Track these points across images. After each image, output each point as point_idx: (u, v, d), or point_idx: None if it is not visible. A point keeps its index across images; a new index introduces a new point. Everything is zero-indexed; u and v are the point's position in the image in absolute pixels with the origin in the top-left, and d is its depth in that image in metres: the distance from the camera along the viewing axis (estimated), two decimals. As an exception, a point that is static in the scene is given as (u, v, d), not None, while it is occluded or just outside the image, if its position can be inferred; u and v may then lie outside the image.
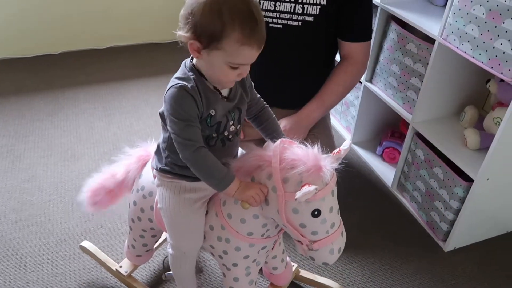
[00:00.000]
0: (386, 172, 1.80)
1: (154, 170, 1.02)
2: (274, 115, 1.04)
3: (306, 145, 0.84)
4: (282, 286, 1.25)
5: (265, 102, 1.03)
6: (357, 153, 1.93)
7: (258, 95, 1.02)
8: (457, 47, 1.26)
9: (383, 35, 1.65)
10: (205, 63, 0.84)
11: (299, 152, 0.83)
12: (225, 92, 0.90)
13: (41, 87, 2.32)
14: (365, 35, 1.34)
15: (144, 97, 2.27)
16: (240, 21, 0.77)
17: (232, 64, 0.81)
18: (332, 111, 2.13)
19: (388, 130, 1.88)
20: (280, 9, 1.27)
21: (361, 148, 1.95)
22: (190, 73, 0.86)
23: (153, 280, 1.34)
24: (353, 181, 1.77)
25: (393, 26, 1.57)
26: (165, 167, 0.97)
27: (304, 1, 1.26)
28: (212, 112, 0.87)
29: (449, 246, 1.48)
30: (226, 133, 0.93)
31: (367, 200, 1.70)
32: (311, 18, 1.27)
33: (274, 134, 1.01)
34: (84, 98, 2.25)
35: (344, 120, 2.06)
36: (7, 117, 2.07)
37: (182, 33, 0.81)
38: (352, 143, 1.97)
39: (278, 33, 1.30)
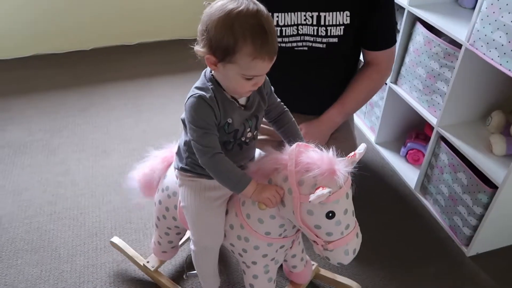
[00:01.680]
0: (409, 174, 1.80)
1: (176, 170, 1.07)
2: (293, 119, 1.07)
3: (322, 149, 0.87)
4: (302, 284, 1.29)
5: (285, 106, 1.07)
6: (380, 154, 1.93)
7: (278, 100, 1.06)
8: (484, 54, 1.25)
9: (409, 37, 1.64)
10: (221, 75, 0.89)
11: (314, 156, 0.86)
12: (242, 101, 0.95)
13: (73, 83, 2.40)
14: (389, 42, 1.33)
15: (171, 94, 2.33)
16: (251, 36, 0.81)
17: (246, 76, 0.86)
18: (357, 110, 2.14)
19: (412, 132, 1.87)
20: (303, 32, 1.28)
21: (385, 148, 1.95)
22: (209, 84, 0.91)
23: (178, 274, 1.40)
24: (375, 182, 1.78)
25: (420, 28, 1.56)
26: (185, 167, 1.03)
27: (327, 23, 1.25)
28: (230, 120, 0.92)
29: (471, 251, 1.48)
30: (243, 139, 0.98)
31: (389, 201, 1.70)
32: (335, 40, 1.27)
33: (293, 137, 1.04)
34: (113, 94, 2.32)
35: (368, 120, 2.07)
36: (42, 113, 2.17)
37: (199, 48, 0.87)
38: (376, 143, 1.98)
39: (303, 55, 1.32)
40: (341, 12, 1.24)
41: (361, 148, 0.90)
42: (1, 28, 2.52)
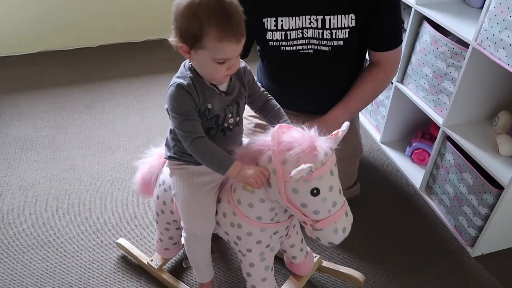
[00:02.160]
0: (414, 174, 1.80)
1: (166, 160, 1.10)
2: (279, 106, 1.09)
3: (303, 128, 0.88)
4: (304, 276, 1.29)
5: (269, 95, 1.09)
6: (385, 153, 1.93)
7: (262, 89, 1.09)
8: (491, 53, 1.24)
9: (416, 36, 1.64)
10: (196, 63, 0.93)
11: (295, 135, 0.87)
12: (223, 87, 0.98)
13: (79, 80, 2.42)
14: (395, 43, 1.33)
15: (176, 92, 2.33)
16: (215, 19, 0.84)
17: (218, 59, 0.88)
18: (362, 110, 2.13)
19: (418, 131, 1.87)
20: (308, 36, 1.28)
21: (390, 148, 1.94)
22: (188, 72, 0.95)
23: (182, 272, 1.41)
24: (380, 181, 1.77)
25: (427, 28, 1.55)
26: (173, 155, 1.06)
27: (332, 26, 1.25)
28: (209, 106, 0.95)
29: (476, 251, 1.47)
30: (225, 125, 1.00)
31: (394, 200, 1.70)
32: (340, 43, 1.27)
33: (278, 120, 1.06)
34: (119, 91, 2.33)
35: (373, 119, 2.06)
36: (48, 109, 2.18)
37: (172, 39, 0.91)
38: (381, 143, 1.97)
39: (308, 58, 1.32)
40: (346, 15, 1.23)
41: (344, 126, 0.91)
42: (9, 24, 2.54)
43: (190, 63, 0.96)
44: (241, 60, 0.99)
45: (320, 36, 1.27)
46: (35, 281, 1.37)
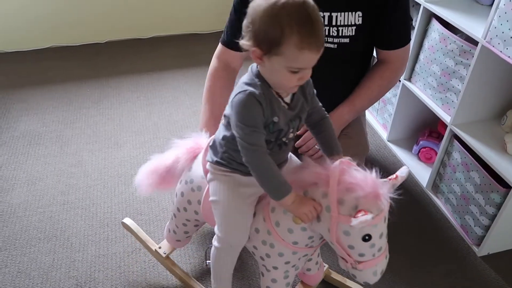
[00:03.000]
0: (421, 172, 1.79)
1: (208, 163, 1.03)
2: (333, 127, 1.03)
3: (365, 169, 0.85)
4: (312, 285, 1.29)
5: (326, 113, 1.04)
6: (392, 152, 1.92)
7: (320, 104, 1.03)
8: (500, 51, 1.23)
9: (424, 34, 1.62)
10: (267, 69, 0.86)
11: (357, 176, 0.84)
12: (287, 99, 0.92)
13: (87, 75, 2.43)
14: (403, 41, 1.31)
15: (183, 88, 2.34)
16: (298, 25, 0.78)
17: (293, 68, 0.82)
18: (369, 108, 2.12)
19: (425, 130, 1.85)
20: None
21: (397, 146, 1.93)
22: (257, 80, 0.88)
23: (189, 262, 1.42)
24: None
25: (435, 25, 1.54)
26: (221, 161, 1.00)
27: (339, 23, 1.23)
28: (276, 119, 0.89)
29: (482, 251, 1.46)
30: (284, 139, 0.95)
31: (400, 199, 1.69)
32: (346, 40, 1.26)
33: (330, 146, 1.02)
34: (127, 86, 2.34)
35: (380, 117, 2.05)
36: (56, 104, 2.20)
37: (244, 42, 0.84)
38: (388, 141, 1.96)
39: None
40: (353, 13, 1.22)
41: (403, 172, 0.88)
42: (19, 20, 2.56)
43: (257, 69, 0.89)
44: None
45: (327, 33, 1.26)
46: (42, 274, 1.38)
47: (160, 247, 1.35)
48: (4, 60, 2.56)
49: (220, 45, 1.37)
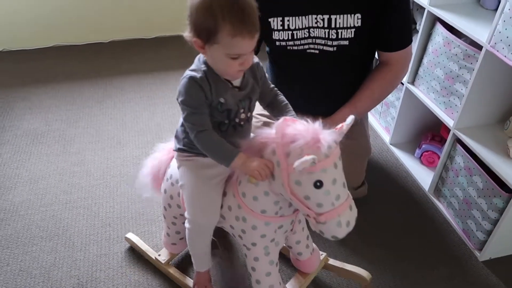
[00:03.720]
0: (423, 176, 1.79)
1: (175, 152, 1.11)
2: (287, 102, 1.09)
3: (308, 121, 0.88)
4: (309, 273, 1.29)
5: (278, 91, 1.10)
6: (394, 155, 1.92)
7: (272, 85, 1.09)
8: (505, 56, 1.23)
9: (428, 37, 1.62)
10: (210, 58, 0.93)
11: (300, 127, 0.88)
12: (236, 82, 0.98)
13: (91, 74, 2.44)
14: (404, 43, 1.31)
15: (186, 88, 2.34)
16: (229, 15, 0.84)
17: (231, 55, 0.89)
18: (371, 110, 2.12)
19: (428, 134, 1.85)
20: (315, 35, 1.28)
21: (399, 149, 1.93)
22: (202, 66, 0.95)
23: (190, 268, 1.41)
24: (389, 183, 1.77)
25: (439, 29, 1.54)
26: (183, 147, 1.07)
27: (338, 26, 1.24)
28: (222, 100, 0.96)
29: (484, 255, 1.46)
30: (237, 120, 1.01)
31: (402, 202, 1.69)
32: (346, 42, 1.26)
33: (285, 114, 1.05)
34: (130, 86, 2.35)
35: (383, 121, 2.05)
36: (60, 103, 2.20)
37: (186, 34, 0.91)
38: (390, 144, 1.96)
39: (314, 58, 1.32)
40: (352, 15, 1.23)
41: (348, 120, 0.91)
42: (23, 19, 2.57)
43: (205, 58, 0.96)
44: (254, 56, 0.99)
45: (326, 36, 1.27)
46: (43, 272, 1.39)
47: (159, 255, 1.37)
48: (8, 58, 2.57)
49: None
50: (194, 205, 1.07)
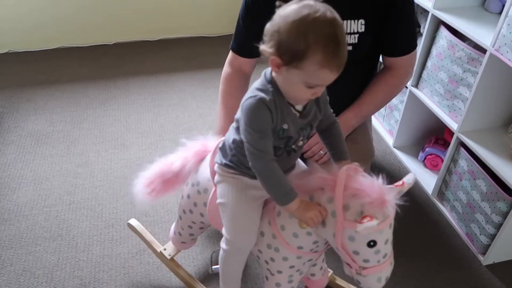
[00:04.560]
0: (426, 179, 1.78)
1: (217, 164, 1.04)
2: (342, 133, 1.03)
3: (372, 176, 0.85)
4: None
5: (336, 118, 1.04)
6: (398, 158, 1.91)
7: (331, 110, 1.03)
8: (509, 59, 1.23)
9: (432, 40, 1.62)
10: (282, 79, 0.86)
11: (363, 182, 0.84)
12: (299, 107, 0.92)
13: (95, 76, 2.45)
14: (408, 48, 1.31)
15: (190, 90, 2.35)
16: (324, 44, 0.78)
17: (310, 84, 0.83)
18: (375, 113, 2.12)
19: (432, 137, 1.85)
20: None
21: (403, 152, 1.93)
22: (269, 86, 0.87)
23: (193, 265, 1.42)
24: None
25: (444, 32, 1.54)
26: (229, 163, 1.00)
27: None
28: (285, 126, 0.89)
29: (488, 259, 1.46)
30: (293, 147, 0.95)
31: (405, 205, 1.68)
32: (349, 48, 1.25)
33: (339, 152, 1.02)
34: (134, 88, 2.36)
35: (387, 123, 2.05)
36: (64, 104, 2.21)
37: (265, 48, 0.83)
38: (394, 147, 1.96)
39: None
40: (356, 21, 1.22)
41: (410, 178, 0.88)
42: (28, 21, 2.59)
43: (271, 75, 0.88)
44: None
45: None
46: (47, 273, 1.39)
47: (165, 249, 1.35)
48: (13, 59, 2.59)
49: (231, 52, 1.39)
50: (238, 226, 1.01)
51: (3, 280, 1.36)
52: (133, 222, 1.44)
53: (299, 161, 1.07)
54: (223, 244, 1.05)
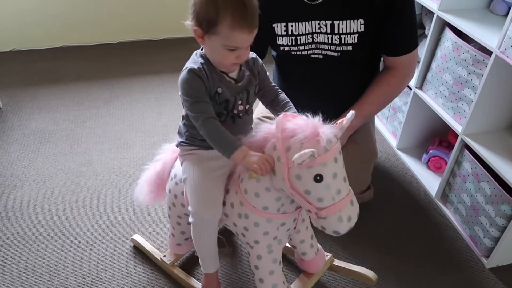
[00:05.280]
0: (430, 181, 1.78)
1: (177, 148, 1.12)
2: (288, 100, 1.10)
3: (308, 116, 0.89)
4: (314, 273, 1.28)
5: (280, 90, 1.11)
6: (401, 160, 1.91)
7: (273, 84, 1.11)
8: (515, 62, 1.22)
9: (437, 42, 1.62)
10: (208, 48, 0.98)
11: (299, 122, 0.89)
12: (233, 75, 1.02)
13: (98, 75, 2.45)
14: (408, 48, 1.31)
15: (194, 90, 2.35)
16: (231, 8, 0.89)
17: (228, 46, 0.93)
18: (378, 115, 2.12)
19: (436, 139, 1.84)
20: (318, 41, 1.28)
21: (406, 154, 1.92)
22: (200, 59, 1.00)
23: (195, 269, 1.41)
24: (395, 188, 1.76)
25: (449, 34, 1.53)
26: (185, 141, 1.10)
27: (341, 31, 1.24)
28: (219, 90, 0.99)
29: (491, 262, 1.45)
30: (235, 111, 1.03)
31: (408, 208, 1.68)
32: (349, 48, 1.26)
33: (286, 110, 1.06)
34: (137, 88, 2.36)
35: (390, 125, 2.04)
36: (68, 103, 2.21)
37: (188, 22, 0.96)
38: (397, 149, 1.95)
39: (318, 63, 1.32)
40: (355, 20, 1.23)
41: (349, 114, 0.91)
42: (32, 19, 2.59)
43: (202, 52, 1.01)
44: (251, 52, 1.02)
45: (330, 41, 1.27)
46: (49, 271, 1.39)
47: (165, 256, 1.37)
48: (17, 58, 2.59)
49: None
50: (198, 198, 1.06)
51: (6, 279, 1.36)
52: (136, 237, 1.47)
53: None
54: (190, 218, 1.10)
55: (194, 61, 1.00)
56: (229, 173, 1.09)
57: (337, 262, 1.36)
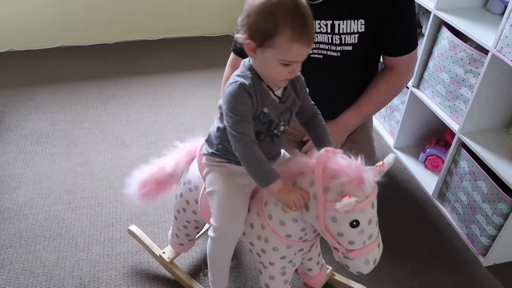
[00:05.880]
0: (427, 180, 1.78)
1: (204, 156, 1.06)
2: (324, 123, 1.06)
3: (350, 156, 0.86)
4: (316, 287, 1.28)
5: (318, 111, 1.06)
6: (398, 159, 1.91)
7: (312, 102, 1.06)
8: (511, 60, 1.23)
9: (434, 41, 1.62)
10: (259, 62, 0.91)
11: (342, 162, 0.85)
12: (278, 93, 0.96)
13: (96, 75, 2.45)
14: (408, 48, 1.31)
15: (191, 90, 2.35)
16: (290, 20, 0.83)
17: (284, 61, 0.87)
18: (376, 114, 2.12)
19: (433, 138, 1.85)
20: (319, 40, 1.27)
21: (404, 153, 1.93)
22: (248, 72, 0.92)
23: (193, 267, 1.41)
24: (393, 187, 1.76)
25: (445, 33, 1.53)
26: (216, 152, 1.03)
27: (341, 31, 1.24)
28: (266, 110, 0.93)
29: (488, 261, 1.45)
30: (275, 131, 0.98)
31: (405, 207, 1.68)
32: (349, 48, 1.26)
33: (322, 141, 1.03)
34: (135, 88, 2.35)
35: (387, 124, 2.04)
36: (65, 103, 2.21)
37: (239, 35, 0.89)
38: (395, 148, 1.95)
39: (318, 63, 1.31)
40: (356, 21, 1.22)
41: (390, 158, 0.89)
42: (29, 19, 2.58)
43: (250, 63, 0.94)
44: None
45: (330, 41, 1.27)
46: (46, 272, 1.39)
47: (164, 252, 1.36)
48: (14, 58, 2.58)
49: (232, 54, 1.40)
50: (225, 213, 1.02)
51: (2, 279, 1.36)
52: (133, 228, 1.45)
53: (286, 153, 1.09)
54: (210, 232, 1.07)
55: (243, 73, 0.93)
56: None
57: (337, 277, 1.36)
